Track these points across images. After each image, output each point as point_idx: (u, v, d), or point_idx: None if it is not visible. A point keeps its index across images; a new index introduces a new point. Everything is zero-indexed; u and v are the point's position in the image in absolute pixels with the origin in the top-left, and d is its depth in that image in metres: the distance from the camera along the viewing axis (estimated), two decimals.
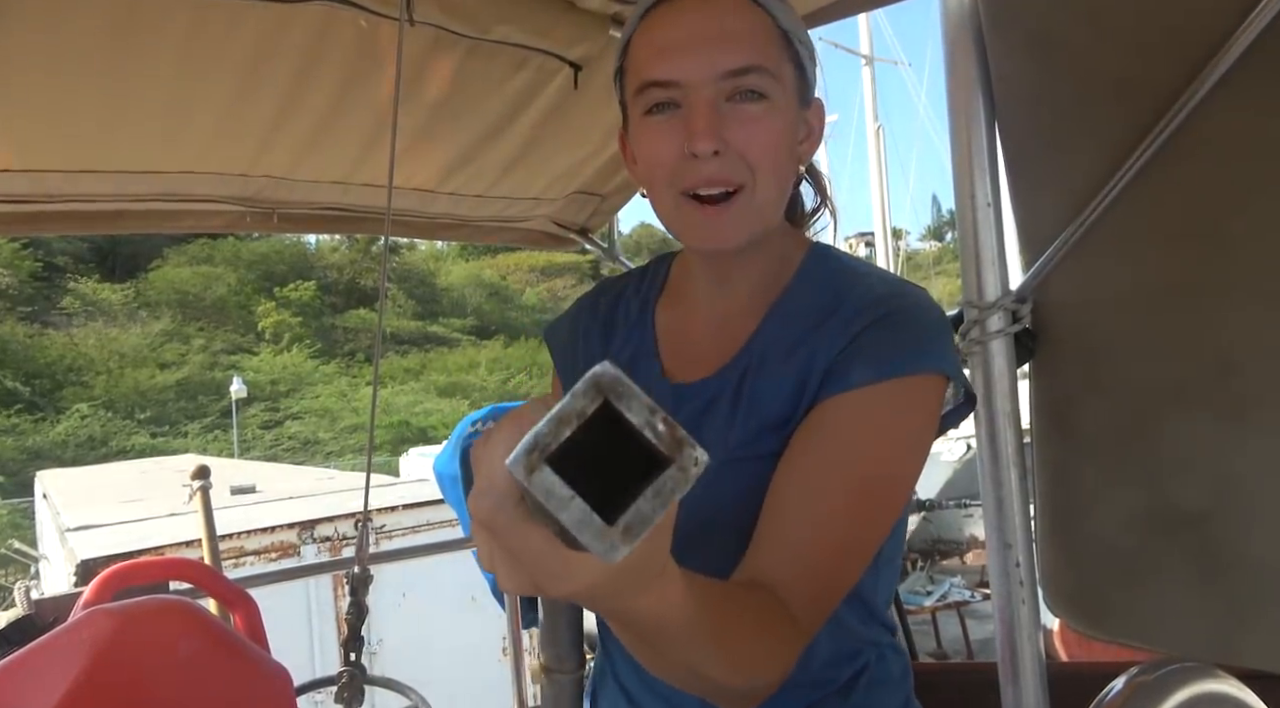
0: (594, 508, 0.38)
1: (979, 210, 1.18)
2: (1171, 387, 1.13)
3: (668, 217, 0.78)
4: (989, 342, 1.19)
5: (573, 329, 0.94)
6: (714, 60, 0.72)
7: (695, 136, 0.71)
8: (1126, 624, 1.17)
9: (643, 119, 0.76)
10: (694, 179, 0.73)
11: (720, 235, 0.75)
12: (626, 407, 0.39)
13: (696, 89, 0.73)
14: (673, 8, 0.75)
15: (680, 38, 0.73)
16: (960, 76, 1.20)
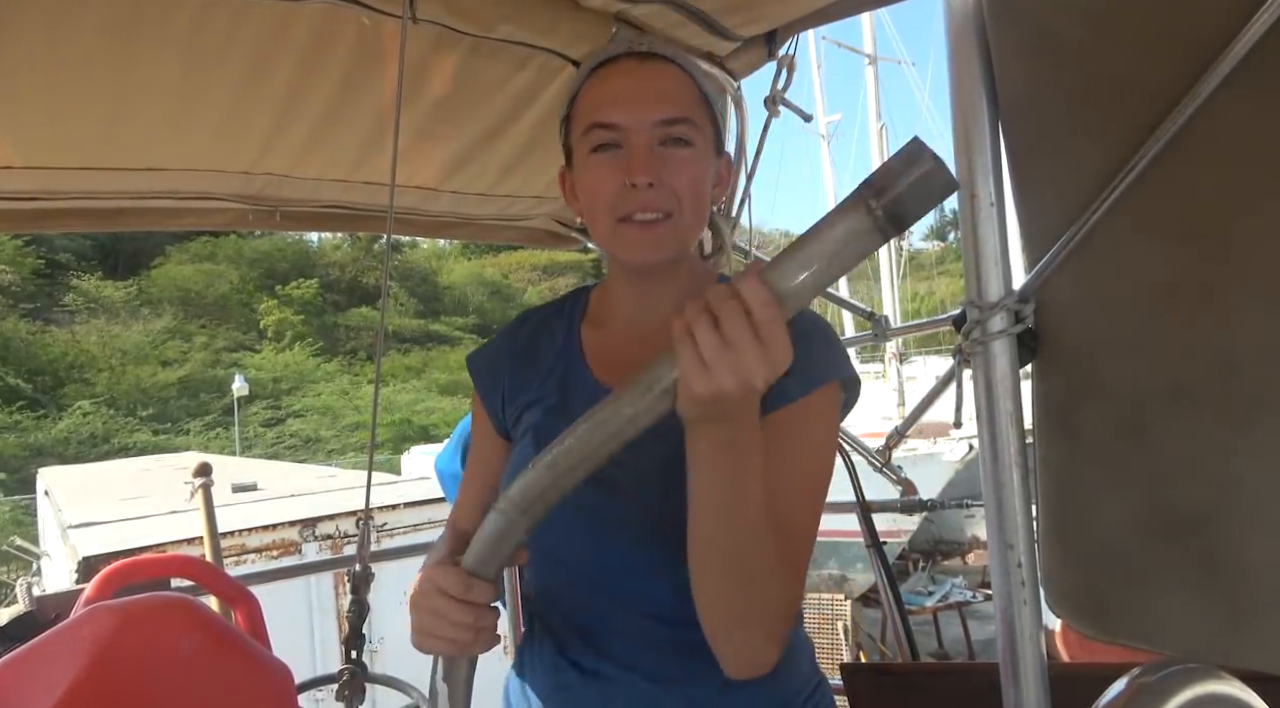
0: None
1: (981, 210, 1.18)
2: (1174, 388, 1.13)
3: (606, 238, 0.92)
4: (991, 342, 1.19)
5: (494, 357, 1.03)
6: (651, 110, 0.88)
7: (635, 171, 0.86)
8: (1128, 625, 1.17)
9: (589, 157, 0.90)
10: (631, 206, 0.88)
11: (651, 250, 0.90)
12: None
13: (636, 132, 0.88)
14: (616, 67, 0.91)
15: (623, 90, 0.89)
16: (963, 76, 1.20)
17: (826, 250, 0.54)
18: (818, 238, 0.55)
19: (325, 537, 5.58)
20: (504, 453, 1.00)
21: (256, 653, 1.51)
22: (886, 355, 16.63)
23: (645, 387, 0.63)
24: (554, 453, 0.70)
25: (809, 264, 0.55)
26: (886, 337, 1.91)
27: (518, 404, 0.98)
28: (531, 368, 0.99)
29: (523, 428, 0.96)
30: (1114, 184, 1.11)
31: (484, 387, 1.01)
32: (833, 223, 0.53)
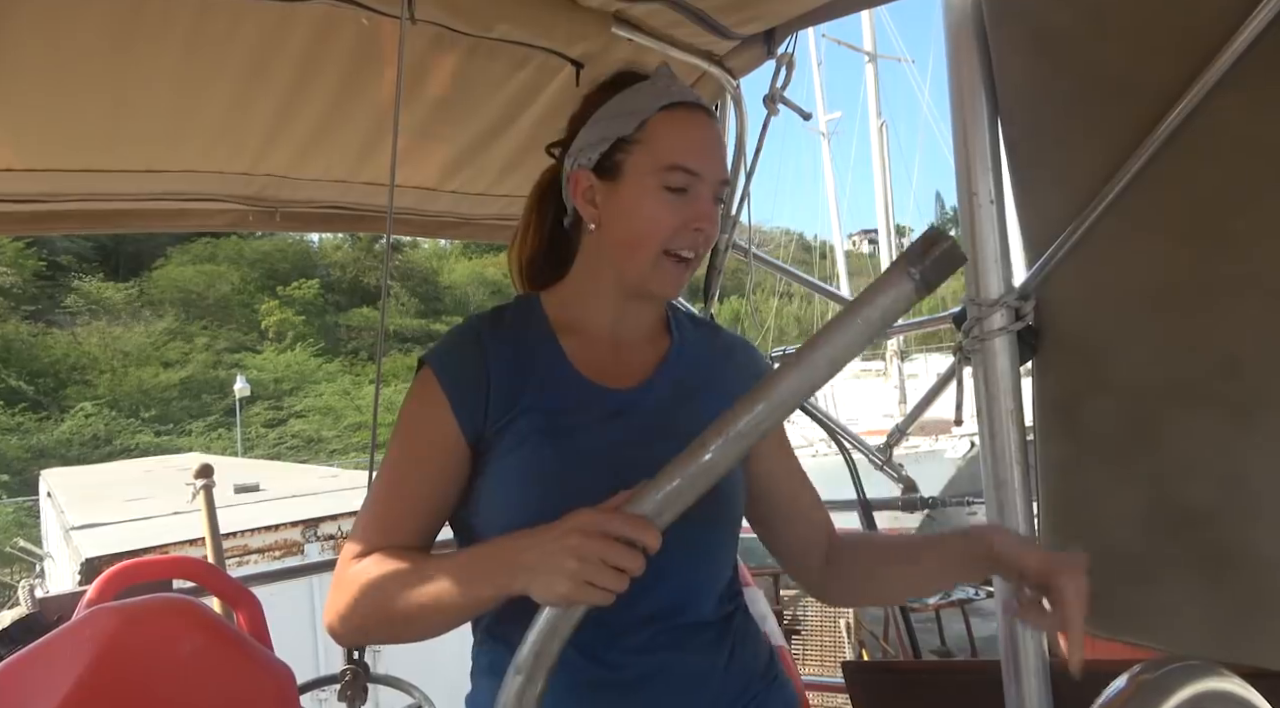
0: None
1: (981, 208, 1.18)
2: (1175, 385, 1.13)
3: (642, 267, 0.98)
4: (992, 339, 1.19)
5: (469, 363, 0.98)
6: (720, 169, 1.00)
7: (705, 219, 0.97)
8: (1130, 622, 1.17)
9: (658, 191, 0.96)
10: (682, 243, 0.97)
11: (678, 286, 1.00)
12: None
13: (709, 185, 0.98)
14: (696, 118, 0.99)
15: (706, 143, 0.99)
16: (963, 74, 1.19)
17: (871, 313, 0.70)
18: (864, 302, 0.71)
19: (327, 537, 5.58)
20: (461, 461, 0.95)
21: (258, 654, 1.51)
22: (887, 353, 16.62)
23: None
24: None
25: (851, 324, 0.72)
26: (887, 334, 1.91)
27: (506, 412, 0.95)
28: (520, 375, 0.97)
29: (520, 433, 0.94)
30: (1114, 181, 1.11)
31: (457, 393, 0.96)
32: (880, 287, 0.70)
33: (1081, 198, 1.15)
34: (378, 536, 0.94)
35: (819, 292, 2.24)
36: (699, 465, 0.73)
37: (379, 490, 0.97)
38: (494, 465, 0.94)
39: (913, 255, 0.69)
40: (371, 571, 0.89)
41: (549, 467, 0.93)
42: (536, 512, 0.87)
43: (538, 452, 0.93)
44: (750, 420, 0.72)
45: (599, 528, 0.75)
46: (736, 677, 0.99)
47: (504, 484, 0.94)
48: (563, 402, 0.96)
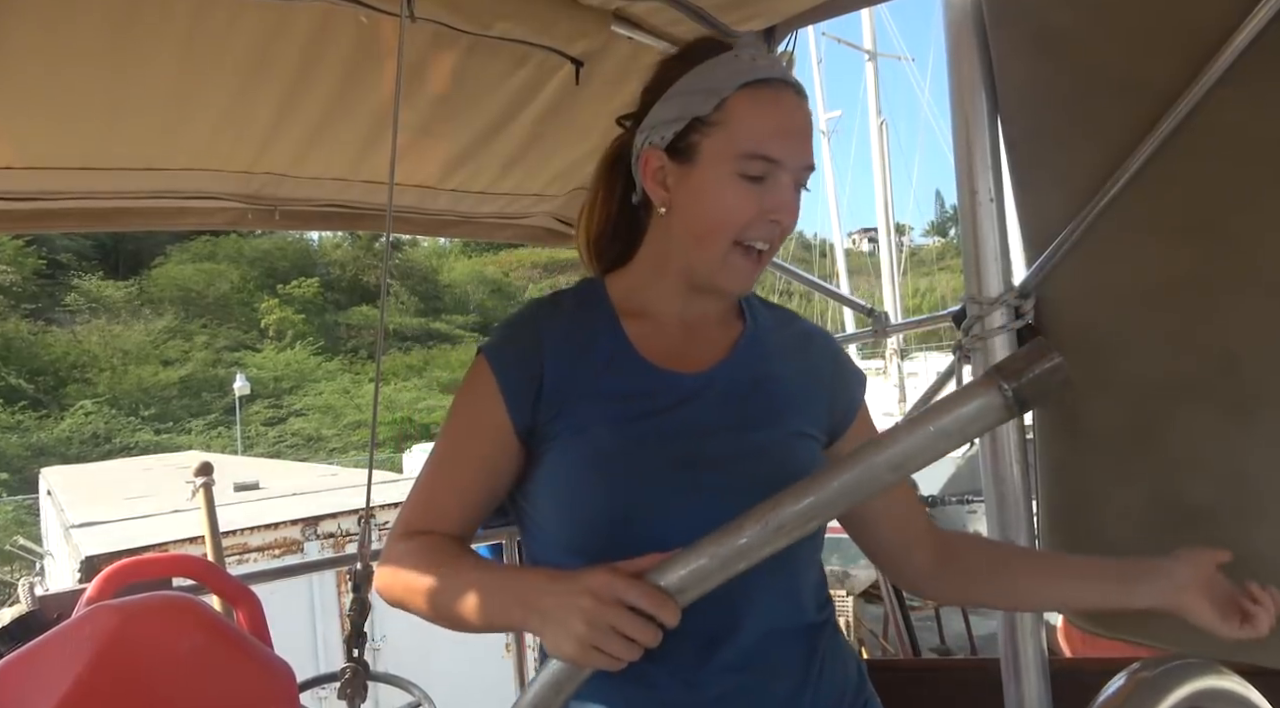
0: None
1: (981, 206, 1.18)
2: (1175, 383, 1.13)
3: (712, 258, 0.92)
4: (991, 338, 1.19)
5: (526, 350, 0.95)
6: (806, 155, 0.92)
7: (785, 211, 0.91)
8: (1129, 621, 1.17)
9: (735, 178, 0.90)
10: (758, 234, 0.91)
11: (749, 282, 0.95)
12: None
13: (790, 173, 0.91)
14: (781, 98, 0.92)
15: (791, 127, 0.91)
16: (963, 72, 1.19)
17: (949, 425, 0.64)
18: (942, 410, 0.65)
19: (327, 535, 5.59)
20: (511, 455, 0.93)
21: (258, 652, 1.51)
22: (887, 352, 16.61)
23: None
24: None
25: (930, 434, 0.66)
26: (887, 333, 1.91)
27: (564, 399, 0.91)
28: (580, 360, 0.93)
29: (580, 421, 0.90)
30: (1114, 179, 1.11)
31: (510, 382, 0.93)
32: (963, 398, 0.64)
33: (1081, 196, 1.15)
34: (423, 518, 0.94)
35: (819, 290, 2.24)
36: (733, 548, 0.69)
37: (427, 474, 0.97)
38: (552, 455, 0.91)
39: (1009, 369, 0.62)
40: (413, 560, 0.90)
41: (610, 457, 0.89)
42: (595, 505, 0.87)
43: (598, 441, 0.89)
44: (794, 513, 0.68)
45: (615, 595, 0.72)
46: (826, 696, 0.93)
47: (562, 475, 0.90)
48: (626, 388, 0.92)
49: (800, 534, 0.70)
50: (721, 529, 0.71)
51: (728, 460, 0.90)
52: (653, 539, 0.83)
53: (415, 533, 0.93)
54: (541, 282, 41.54)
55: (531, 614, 0.77)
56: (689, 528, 0.82)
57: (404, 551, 0.91)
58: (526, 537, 0.98)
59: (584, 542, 0.88)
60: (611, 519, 0.87)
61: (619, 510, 0.87)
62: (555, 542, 0.92)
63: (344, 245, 38.50)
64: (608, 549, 0.83)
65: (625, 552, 0.83)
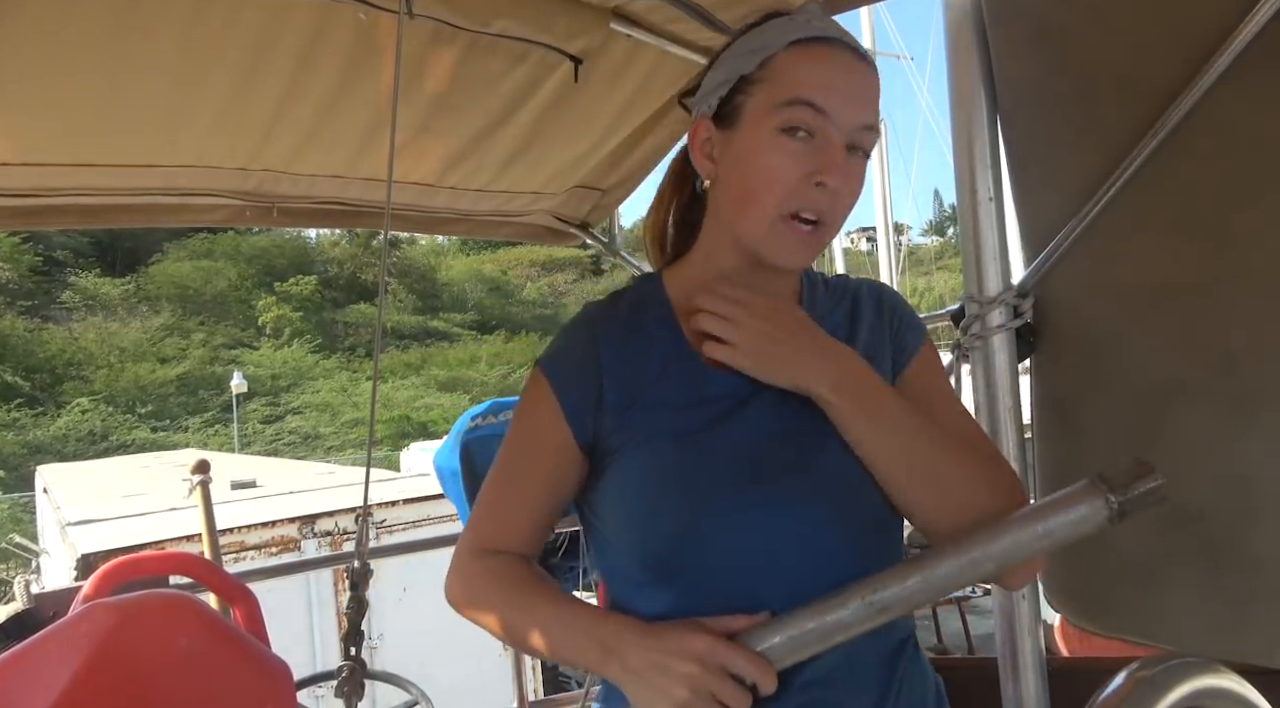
0: None
1: (981, 205, 1.18)
2: (1173, 382, 1.13)
3: (758, 229, 0.86)
4: (990, 337, 1.19)
5: (582, 361, 0.91)
6: (861, 112, 0.84)
7: (831, 170, 0.82)
8: (1127, 620, 1.17)
9: (776, 135, 0.83)
10: (806, 203, 0.83)
11: (803, 256, 0.87)
12: None
13: (839, 129, 0.83)
14: (832, 53, 0.85)
15: (841, 81, 0.84)
16: (962, 71, 1.19)
17: (1054, 527, 0.67)
18: (1048, 512, 0.69)
19: (324, 534, 5.59)
20: (576, 466, 0.90)
21: (255, 650, 1.50)
22: None
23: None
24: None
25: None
26: None
27: (624, 409, 0.87)
28: (638, 367, 0.89)
29: (640, 433, 0.86)
30: (1113, 178, 1.11)
31: (570, 397, 0.89)
32: (1070, 502, 0.67)
33: (1081, 195, 1.15)
34: (494, 536, 0.94)
35: None
36: (834, 622, 0.70)
37: (494, 488, 0.96)
38: (614, 468, 0.87)
39: (1117, 481, 0.66)
40: (489, 582, 0.91)
41: (673, 472, 0.84)
42: (659, 522, 0.84)
43: (658, 455, 0.85)
44: (897, 593, 0.69)
45: (720, 663, 0.71)
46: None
47: (626, 490, 0.86)
48: (684, 395, 0.87)
49: (899, 615, 0.70)
50: (823, 601, 0.71)
51: (793, 467, 0.85)
52: (721, 554, 0.83)
53: (488, 551, 0.93)
54: (540, 280, 41.55)
55: (612, 663, 0.77)
56: (758, 540, 0.83)
57: (480, 570, 0.92)
58: (594, 545, 0.95)
59: (652, 557, 0.85)
60: (678, 536, 0.84)
61: (684, 528, 0.84)
62: (622, 554, 0.89)
63: (342, 243, 38.48)
64: (675, 564, 0.83)
65: (693, 566, 0.83)
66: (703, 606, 0.81)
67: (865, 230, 51.59)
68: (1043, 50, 1.15)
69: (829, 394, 0.84)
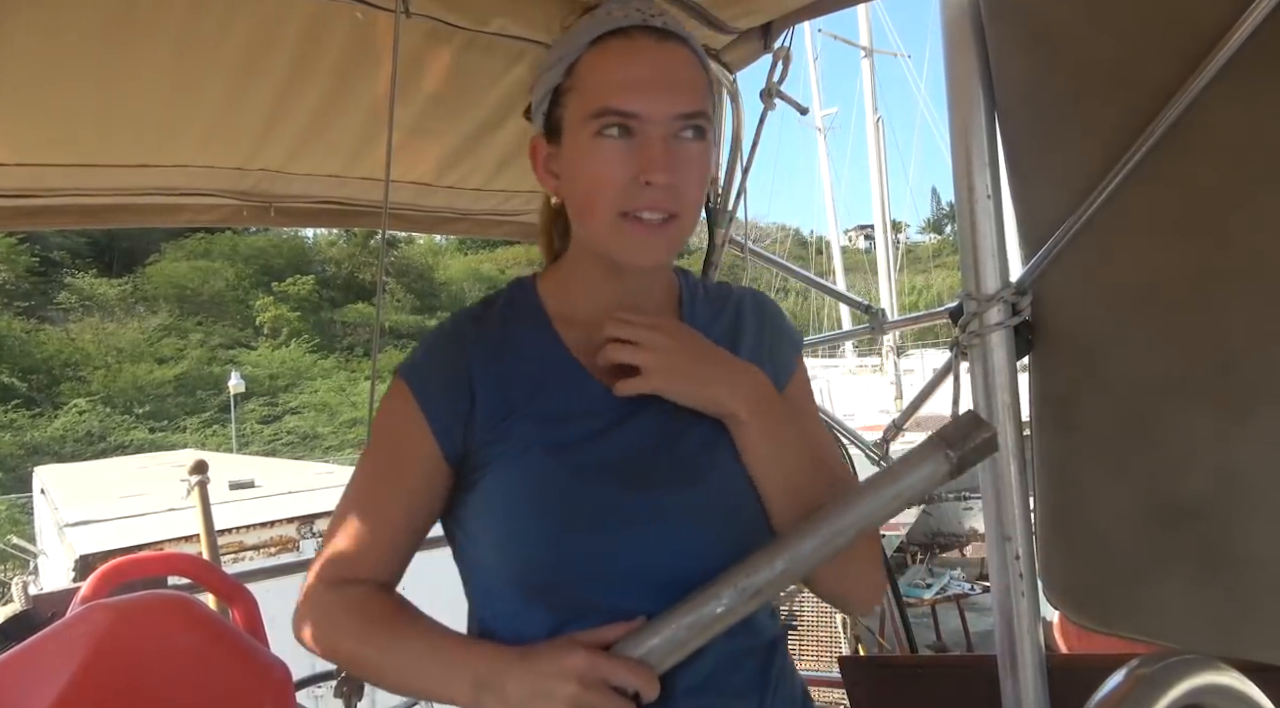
0: None
1: (978, 202, 1.18)
2: (1172, 380, 1.13)
3: (602, 233, 0.84)
4: (989, 334, 1.19)
5: (449, 370, 0.86)
6: (673, 101, 0.81)
7: (654, 168, 0.79)
8: (1126, 618, 1.17)
9: (594, 141, 0.81)
10: (640, 204, 0.81)
11: (655, 253, 0.84)
12: None
13: (655, 125, 0.80)
14: (632, 44, 0.82)
15: (645, 75, 0.81)
16: (960, 69, 1.19)
17: (904, 487, 0.72)
18: (898, 473, 0.74)
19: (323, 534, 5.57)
20: (441, 483, 0.85)
21: (254, 651, 1.50)
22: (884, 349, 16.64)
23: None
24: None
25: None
26: (883, 329, 1.91)
27: (499, 420, 0.83)
28: (514, 375, 0.85)
29: (517, 444, 0.83)
30: (1111, 176, 1.11)
31: (436, 406, 0.84)
32: (916, 462, 0.71)
33: (1079, 192, 1.15)
34: (350, 565, 0.86)
35: (816, 286, 2.24)
36: (710, 615, 0.70)
37: (349, 509, 0.88)
38: (487, 483, 0.83)
39: (952, 438, 0.71)
40: (348, 618, 0.83)
41: (552, 484, 0.81)
42: (538, 539, 0.80)
43: (537, 467, 0.82)
44: (767, 576, 0.70)
45: (601, 677, 0.69)
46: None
47: (500, 506, 0.82)
48: (564, 406, 0.84)
49: (773, 596, 0.71)
50: (697, 595, 0.71)
51: (678, 480, 0.83)
52: (603, 569, 0.79)
53: (345, 581, 0.86)
54: None
55: (488, 697, 0.73)
56: (643, 555, 0.80)
57: (336, 603, 0.85)
58: (462, 564, 0.90)
59: (529, 574, 0.81)
60: (556, 551, 0.80)
61: (563, 542, 0.80)
62: (495, 574, 0.84)
63: (339, 243, 38.44)
64: (554, 581, 0.80)
65: (573, 582, 0.79)
66: (579, 623, 0.78)
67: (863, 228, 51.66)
68: (1041, 48, 1.15)
69: (745, 416, 0.84)
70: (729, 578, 0.71)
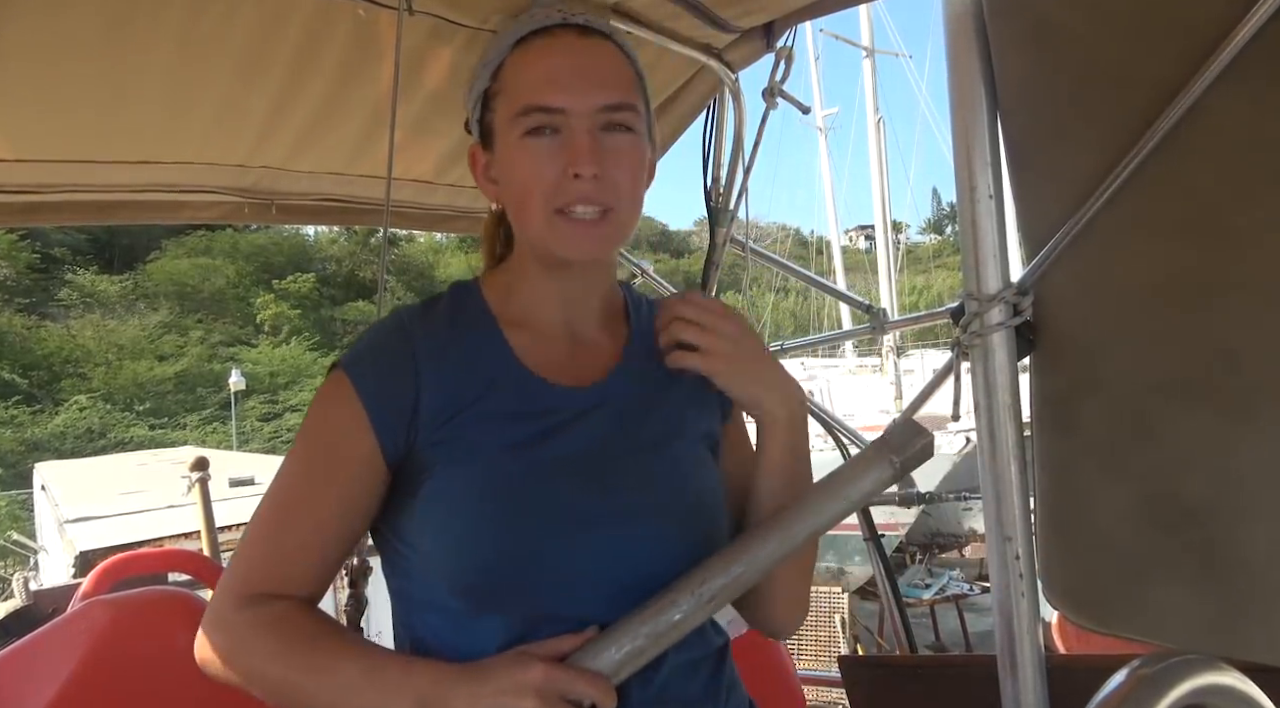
0: None
1: (980, 202, 1.18)
2: (1173, 381, 1.13)
3: (538, 230, 0.83)
4: (990, 335, 1.19)
5: (393, 369, 0.82)
6: (595, 94, 0.81)
7: (580, 161, 0.79)
8: (1127, 618, 1.17)
9: (521, 140, 0.82)
10: (571, 198, 0.81)
11: (592, 245, 0.83)
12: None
13: (580, 118, 0.81)
14: (553, 43, 0.83)
15: (565, 69, 0.82)
16: (962, 68, 1.19)
17: (853, 491, 0.75)
18: (846, 478, 0.78)
19: None
20: (376, 486, 0.80)
21: None
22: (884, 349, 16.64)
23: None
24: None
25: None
26: (884, 330, 1.91)
27: (445, 422, 0.80)
28: (462, 375, 0.83)
29: (468, 447, 0.80)
30: (1113, 176, 1.11)
31: (378, 402, 0.80)
32: (863, 468, 0.75)
33: (1081, 193, 1.15)
34: (270, 577, 0.79)
35: (817, 286, 2.24)
36: (667, 623, 0.69)
37: (273, 513, 0.81)
38: (433, 486, 0.79)
39: (894, 444, 0.75)
40: (265, 639, 0.76)
41: (511, 485, 0.78)
42: (492, 542, 0.77)
43: (486, 468, 0.78)
44: (724, 580, 0.70)
45: (559, 691, 0.67)
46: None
47: (448, 509, 0.78)
48: (515, 407, 0.82)
49: (730, 599, 0.71)
50: (653, 603, 0.70)
51: (636, 481, 0.82)
52: (557, 574, 0.77)
53: (260, 597, 0.77)
54: None
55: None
56: (598, 558, 0.78)
57: (249, 622, 0.76)
58: (396, 576, 0.85)
59: (476, 581, 0.77)
60: (512, 557, 0.76)
61: (521, 547, 0.77)
62: (437, 584, 0.79)
63: (340, 241, 38.45)
64: (504, 588, 0.77)
65: (524, 588, 0.76)
66: (533, 631, 0.75)
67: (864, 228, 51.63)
68: (1043, 47, 1.15)
69: (784, 421, 0.86)
70: (685, 584, 0.70)
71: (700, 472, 0.89)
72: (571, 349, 0.89)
